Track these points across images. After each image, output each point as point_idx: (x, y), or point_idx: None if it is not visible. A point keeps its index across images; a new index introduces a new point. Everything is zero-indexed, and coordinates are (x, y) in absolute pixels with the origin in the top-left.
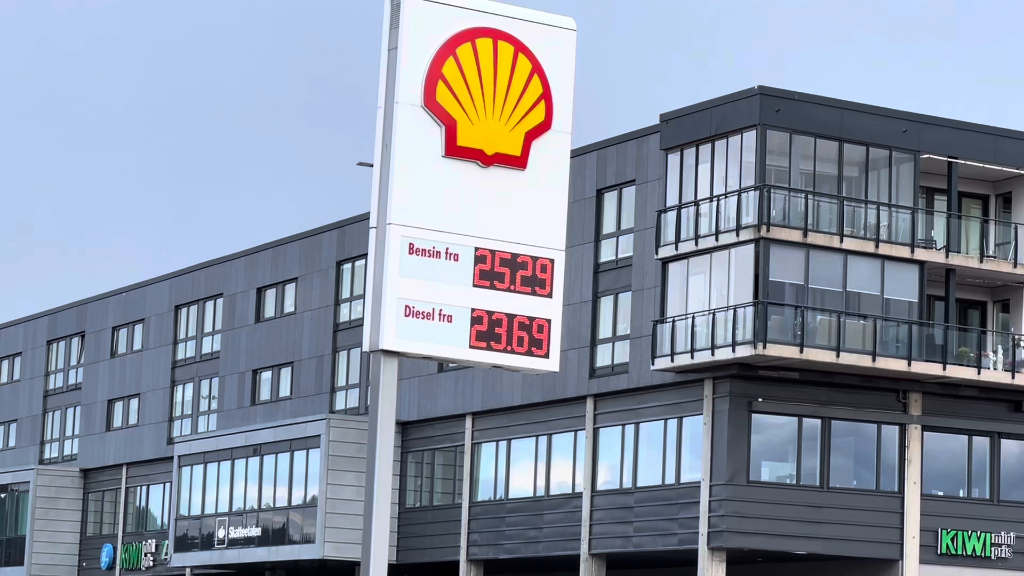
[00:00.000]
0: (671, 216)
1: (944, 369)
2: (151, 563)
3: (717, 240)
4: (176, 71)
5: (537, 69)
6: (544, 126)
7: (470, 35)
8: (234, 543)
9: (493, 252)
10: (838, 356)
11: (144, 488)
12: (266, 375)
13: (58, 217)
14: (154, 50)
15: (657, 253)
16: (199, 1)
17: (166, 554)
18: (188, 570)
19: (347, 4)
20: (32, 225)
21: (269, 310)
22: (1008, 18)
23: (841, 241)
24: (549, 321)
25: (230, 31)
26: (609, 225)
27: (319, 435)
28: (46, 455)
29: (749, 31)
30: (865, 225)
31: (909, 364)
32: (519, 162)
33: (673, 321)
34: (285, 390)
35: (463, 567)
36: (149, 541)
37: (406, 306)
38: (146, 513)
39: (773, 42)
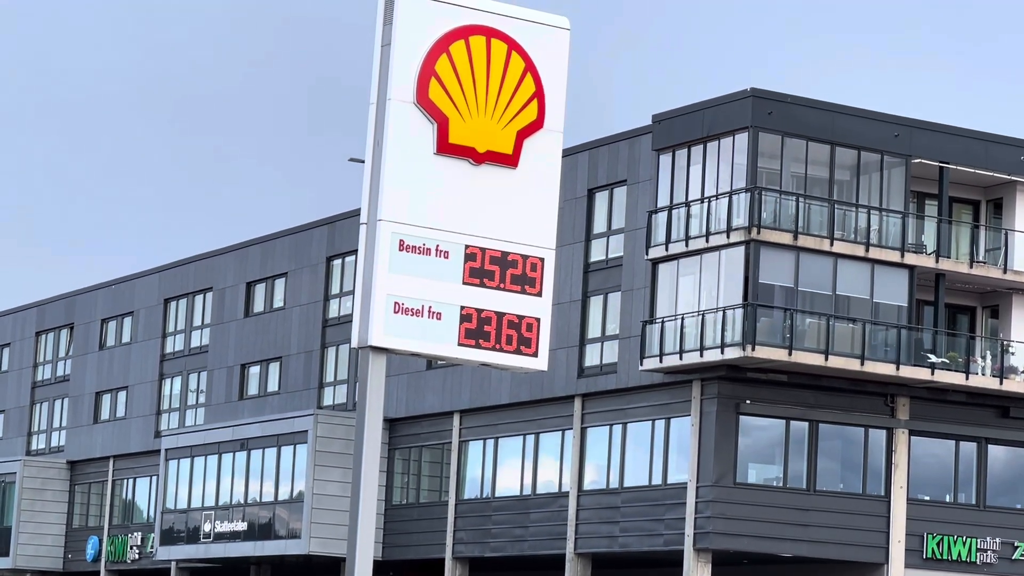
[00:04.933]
0: (662, 217)
1: (932, 374)
2: (137, 556)
3: (707, 241)
4: (168, 65)
5: (530, 68)
6: (536, 125)
7: (463, 32)
8: (220, 537)
9: (483, 250)
10: (826, 359)
11: (131, 481)
12: (254, 370)
13: (49, 209)
14: (147, 43)
15: (647, 254)
16: None
17: (152, 547)
18: (174, 564)
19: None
20: (22, 217)
21: (258, 305)
22: (1001, 23)
23: (831, 244)
24: (538, 320)
25: (223, 25)
26: (600, 225)
27: (306, 431)
28: (33, 446)
29: (742, 33)
30: (855, 229)
31: (897, 368)
32: (511, 160)
33: (662, 322)
34: (273, 385)
35: (449, 565)
36: (135, 534)
37: (395, 303)
38: (132, 506)
39: (766, 44)
